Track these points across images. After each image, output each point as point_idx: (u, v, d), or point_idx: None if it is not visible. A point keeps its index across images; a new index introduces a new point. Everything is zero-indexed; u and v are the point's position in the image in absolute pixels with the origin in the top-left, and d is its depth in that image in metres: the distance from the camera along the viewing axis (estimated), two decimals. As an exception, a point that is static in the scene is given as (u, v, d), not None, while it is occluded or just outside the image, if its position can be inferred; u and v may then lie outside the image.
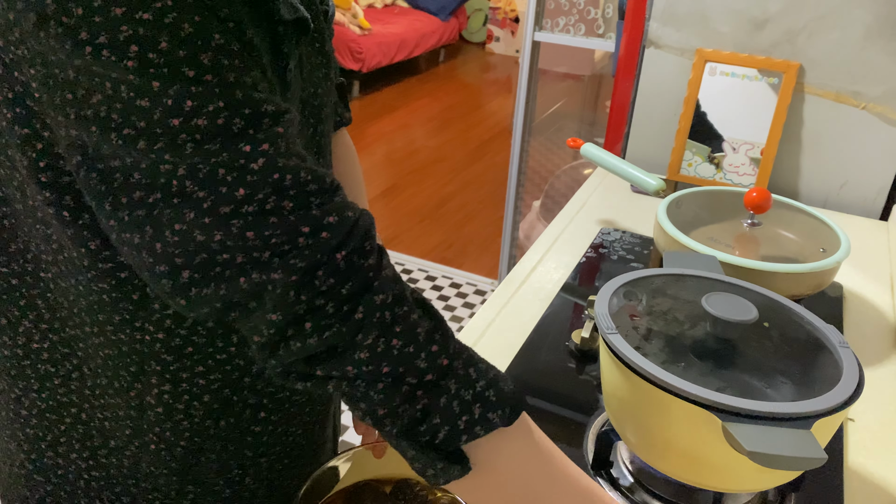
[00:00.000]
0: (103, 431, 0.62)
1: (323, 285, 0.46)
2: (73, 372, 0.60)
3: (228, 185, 0.45)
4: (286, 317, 0.46)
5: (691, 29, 1.42)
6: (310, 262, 0.45)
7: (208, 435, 0.63)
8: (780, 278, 0.90)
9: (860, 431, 0.83)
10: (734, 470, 0.61)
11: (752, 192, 1.01)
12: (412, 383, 0.48)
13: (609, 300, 0.69)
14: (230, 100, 0.45)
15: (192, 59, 0.44)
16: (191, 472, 0.64)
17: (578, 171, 2.36)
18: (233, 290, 0.46)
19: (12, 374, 0.61)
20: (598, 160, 1.28)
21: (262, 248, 0.45)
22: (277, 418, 0.67)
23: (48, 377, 0.61)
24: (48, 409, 0.62)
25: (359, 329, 0.47)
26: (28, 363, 0.60)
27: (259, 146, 0.45)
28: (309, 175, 0.47)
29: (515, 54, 6.39)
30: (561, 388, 0.87)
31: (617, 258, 1.17)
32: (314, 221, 0.46)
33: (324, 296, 0.46)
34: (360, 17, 5.21)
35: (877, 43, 1.29)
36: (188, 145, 0.44)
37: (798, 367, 0.64)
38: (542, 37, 2.28)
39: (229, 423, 0.64)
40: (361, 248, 0.48)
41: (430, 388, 0.48)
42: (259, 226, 0.45)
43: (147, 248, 0.46)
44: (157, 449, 0.62)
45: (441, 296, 2.81)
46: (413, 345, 0.48)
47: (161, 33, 0.43)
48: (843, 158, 1.39)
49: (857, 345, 0.99)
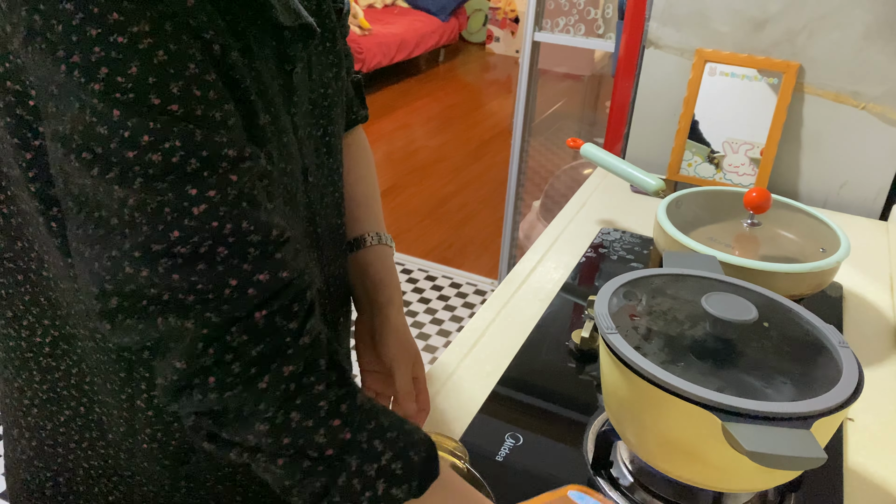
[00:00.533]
0: (101, 425, 0.63)
1: (234, 341, 0.46)
2: (72, 367, 0.61)
3: (167, 224, 0.45)
4: (191, 366, 0.46)
5: (691, 29, 1.42)
6: (226, 316, 0.45)
7: None
8: (779, 278, 0.90)
9: (860, 431, 0.84)
10: (734, 470, 0.61)
11: (752, 192, 1.01)
12: (313, 457, 0.47)
13: (609, 300, 0.70)
14: (188, 139, 0.45)
15: (161, 87, 0.44)
16: (182, 469, 0.65)
17: (578, 172, 2.36)
18: (150, 328, 0.46)
19: (16, 364, 0.62)
20: (597, 160, 1.28)
21: (185, 292, 0.45)
22: None
23: (49, 370, 0.62)
24: (49, 400, 0.63)
25: (260, 398, 0.46)
26: (31, 355, 0.61)
27: (206, 191, 0.45)
28: (252, 226, 0.47)
29: (515, 54, 6.39)
30: (561, 387, 0.87)
31: (617, 258, 1.17)
32: (243, 276, 0.46)
33: (233, 352, 0.46)
34: (361, 17, 5.21)
35: (876, 43, 1.30)
36: (138, 180, 0.44)
37: (798, 367, 0.64)
38: (541, 37, 2.28)
39: None
40: (287, 310, 0.47)
41: (329, 463, 0.48)
42: (186, 270, 0.45)
43: (89, 266, 0.46)
44: (149, 448, 0.63)
45: (441, 296, 2.81)
46: (313, 419, 0.47)
47: (133, 58, 0.43)
48: (842, 158, 1.39)
49: (856, 345, 0.99)
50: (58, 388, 0.62)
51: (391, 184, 3.79)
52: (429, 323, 2.63)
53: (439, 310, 2.72)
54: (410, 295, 2.80)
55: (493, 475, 0.71)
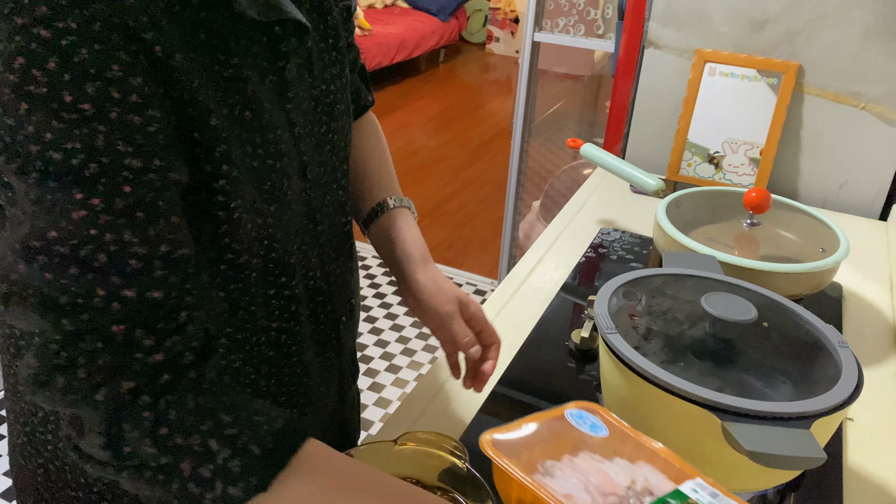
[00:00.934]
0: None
1: (87, 348, 0.46)
2: None
3: (48, 223, 0.45)
4: (44, 365, 0.46)
5: (691, 29, 1.42)
6: (82, 326, 0.46)
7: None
8: (779, 278, 0.90)
9: (859, 431, 0.84)
10: (734, 469, 0.61)
11: (752, 193, 1.02)
12: (151, 467, 0.48)
13: (609, 300, 0.70)
14: (89, 143, 0.45)
15: (76, 85, 0.44)
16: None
17: (578, 172, 2.36)
18: (22, 320, 0.47)
19: (11, 351, 0.63)
20: (597, 160, 1.28)
21: (57, 292, 0.46)
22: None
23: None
24: None
25: (97, 409, 0.47)
26: (24, 343, 0.62)
27: (90, 198, 0.46)
28: (137, 238, 0.47)
29: (515, 55, 6.39)
30: (561, 387, 0.87)
31: (616, 258, 1.17)
32: (111, 288, 0.46)
33: (83, 358, 0.46)
34: (361, 17, 5.21)
35: (876, 43, 1.30)
36: (34, 175, 0.45)
37: (797, 367, 0.64)
38: (541, 37, 2.28)
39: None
40: (148, 328, 0.47)
41: (166, 471, 0.48)
42: (59, 271, 0.45)
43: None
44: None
45: (441, 296, 2.81)
46: (139, 430, 0.47)
47: (52, 53, 0.44)
48: (842, 158, 1.39)
49: (856, 344, 0.99)
50: None
51: (391, 184, 3.79)
52: (429, 323, 2.63)
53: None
54: (410, 295, 2.80)
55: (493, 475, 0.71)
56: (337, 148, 0.70)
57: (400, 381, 2.33)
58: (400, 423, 0.80)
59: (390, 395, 2.26)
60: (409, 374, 2.37)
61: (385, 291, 2.81)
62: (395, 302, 2.75)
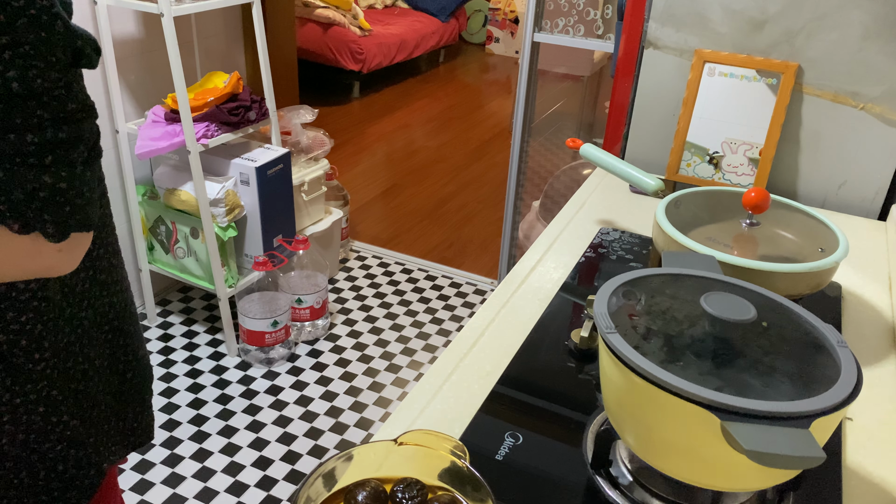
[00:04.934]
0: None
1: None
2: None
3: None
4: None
5: (690, 29, 1.42)
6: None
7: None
8: (778, 278, 0.90)
9: (858, 430, 0.84)
10: (733, 469, 0.61)
11: (751, 193, 1.02)
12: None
13: (608, 300, 0.70)
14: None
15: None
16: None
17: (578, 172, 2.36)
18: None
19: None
20: (597, 160, 1.29)
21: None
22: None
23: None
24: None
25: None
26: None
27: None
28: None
29: (515, 55, 6.39)
30: (560, 387, 0.87)
31: (616, 258, 1.17)
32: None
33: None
34: (361, 18, 5.21)
35: (875, 43, 1.30)
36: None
37: (796, 367, 0.64)
38: (541, 38, 2.29)
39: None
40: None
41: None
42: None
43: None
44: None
45: (441, 295, 2.81)
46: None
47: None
48: (841, 159, 1.40)
49: (855, 344, 1.00)
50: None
51: (391, 184, 3.79)
52: (429, 323, 2.64)
53: (439, 310, 2.72)
54: (410, 295, 2.80)
55: (492, 474, 0.71)
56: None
57: (400, 381, 2.34)
58: (400, 423, 0.80)
59: (390, 395, 2.27)
60: (409, 373, 2.37)
61: (385, 291, 2.81)
62: (395, 302, 2.75)
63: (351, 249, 3.11)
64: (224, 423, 2.12)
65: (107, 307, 0.78)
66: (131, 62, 2.31)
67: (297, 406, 2.20)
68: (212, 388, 2.26)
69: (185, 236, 2.29)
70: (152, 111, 2.18)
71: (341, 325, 2.59)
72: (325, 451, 2.02)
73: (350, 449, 0.67)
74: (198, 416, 2.14)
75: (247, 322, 2.28)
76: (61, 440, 0.74)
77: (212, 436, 2.07)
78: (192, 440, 2.05)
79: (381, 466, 0.68)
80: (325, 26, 4.94)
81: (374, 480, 0.67)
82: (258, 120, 2.27)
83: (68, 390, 0.74)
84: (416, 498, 0.63)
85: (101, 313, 0.77)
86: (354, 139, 4.39)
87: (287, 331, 2.35)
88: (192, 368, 2.33)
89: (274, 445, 2.05)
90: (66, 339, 0.72)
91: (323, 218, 2.73)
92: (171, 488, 1.89)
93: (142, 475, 1.93)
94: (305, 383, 2.30)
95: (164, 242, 2.36)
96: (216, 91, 2.17)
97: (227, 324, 2.35)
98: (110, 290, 0.79)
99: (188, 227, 2.26)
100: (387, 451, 0.67)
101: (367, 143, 4.39)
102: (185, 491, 1.89)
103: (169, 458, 1.98)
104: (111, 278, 0.79)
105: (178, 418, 2.13)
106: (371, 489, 0.65)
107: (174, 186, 2.22)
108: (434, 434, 0.68)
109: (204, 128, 2.11)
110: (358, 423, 2.14)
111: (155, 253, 2.42)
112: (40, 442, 0.73)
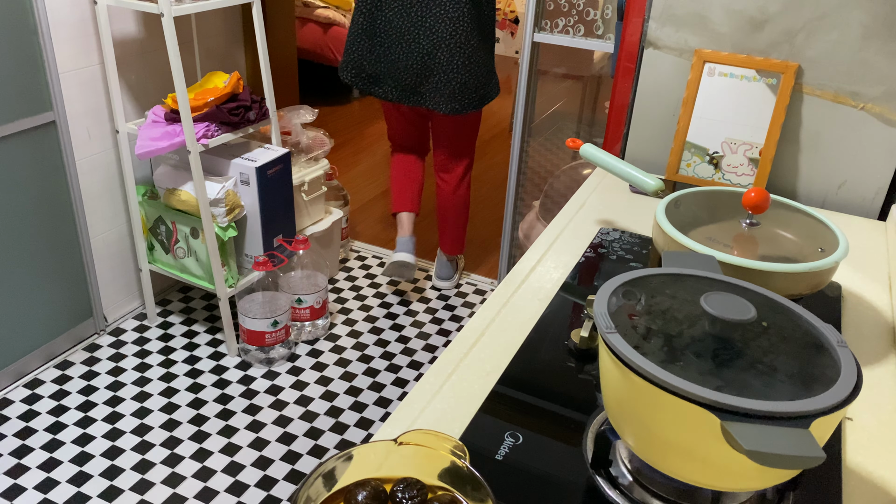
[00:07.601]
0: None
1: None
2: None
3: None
4: None
5: (690, 29, 1.42)
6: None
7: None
8: (778, 278, 0.90)
9: (858, 430, 0.84)
10: (733, 469, 0.61)
11: (751, 193, 1.02)
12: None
13: (608, 300, 0.70)
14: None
15: None
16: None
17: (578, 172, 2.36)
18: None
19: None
20: (597, 161, 1.29)
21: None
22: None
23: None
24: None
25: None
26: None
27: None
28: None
29: (515, 55, 6.39)
30: (560, 387, 0.87)
31: (616, 258, 1.17)
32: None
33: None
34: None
35: (875, 43, 1.30)
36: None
37: (796, 367, 0.64)
38: (541, 38, 2.29)
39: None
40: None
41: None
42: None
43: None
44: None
45: (441, 295, 2.81)
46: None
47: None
48: (841, 159, 1.40)
49: (855, 344, 1.00)
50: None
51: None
52: (429, 322, 2.64)
53: (439, 309, 2.72)
54: (410, 294, 2.80)
55: (492, 474, 0.71)
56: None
57: (400, 381, 2.34)
58: (400, 423, 0.80)
59: (390, 395, 2.27)
60: (409, 373, 2.37)
61: (385, 291, 2.81)
62: (395, 302, 2.75)
63: (351, 249, 3.11)
64: (224, 423, 2.12)
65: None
66: (131, 62, 2.31)
67: (297, 406, 2.20)
68: (212, 387, 2.26)
69: (185, 236, 2.29)
70: (152, 111, 2.18)
71: (341, 325, 2.59)
72: (325, 451, 2.02)
73: (350, 449, 0.67)
74: (198, 416, 2.14)
75: (247, 322, 2.28)
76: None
77: (212, 436, 2.07)
78: (192, 440, 2.05)
79: (381, 466, 0.68)
80: (325, 26, 4.94)
81: (374, 480, 0.67)
82: (258, 120, 2.27)
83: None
84: (416, 498, 0.63)
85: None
86: (354, 139, 4.39)
87: (287, 331, 2.35)
88: (192, 368, 2.33)
89: (274, 445, 2.05)
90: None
91: (323, 218, 2.73)
92: (171, 488, 1.89)
93: (142, 475, 1.93)
94: (305, 383, 2.30)
95: (164, 242, 2.36)
96: (216, 91, 2.17)
97: (227, 324, 2.35)
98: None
99: (188, 226, 2.26)
100: (387, 451, 0.67)
101: (366, 142, 4.39)
102: (185, 491, 1.89)
103: (169, 458, 1.98)
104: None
105: (178, 418, 2.13)
106: (371, 489, 0.65)
107: (174, 186, 2.22)
108: (434, 434, 0.68)
109: (204, 128, 2.11)
110: (358, 423, 2.14)
111: (155, 253, 2.42)
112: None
